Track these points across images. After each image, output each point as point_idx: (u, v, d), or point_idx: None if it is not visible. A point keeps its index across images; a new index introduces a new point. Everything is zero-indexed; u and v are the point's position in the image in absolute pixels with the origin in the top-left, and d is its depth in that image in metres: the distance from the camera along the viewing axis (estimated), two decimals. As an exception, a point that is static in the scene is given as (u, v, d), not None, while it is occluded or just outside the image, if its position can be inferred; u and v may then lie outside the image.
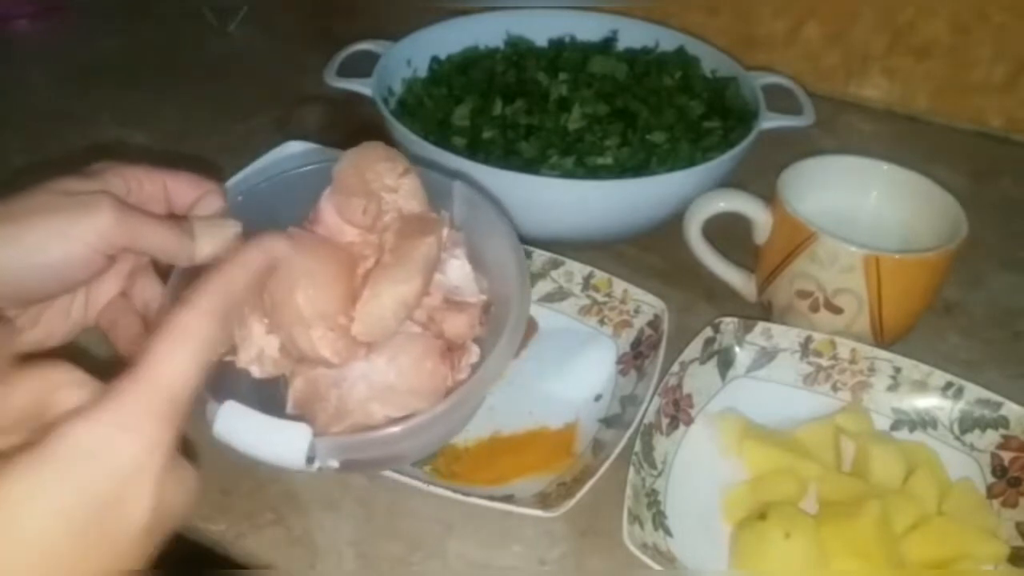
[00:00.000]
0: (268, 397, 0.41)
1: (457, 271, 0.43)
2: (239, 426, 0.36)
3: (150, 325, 0.40)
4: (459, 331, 0.43)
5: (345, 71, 0.72)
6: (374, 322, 0.39)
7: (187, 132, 0.82)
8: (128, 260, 0.41)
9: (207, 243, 0.39)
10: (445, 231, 0.43)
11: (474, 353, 0.43)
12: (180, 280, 0.41)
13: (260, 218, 0.41)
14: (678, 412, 0.54)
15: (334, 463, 0.38)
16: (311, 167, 0.46)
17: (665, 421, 0.52)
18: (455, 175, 0.46)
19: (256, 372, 0.41)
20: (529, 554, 0.48)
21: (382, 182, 0.42)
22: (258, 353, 0.40)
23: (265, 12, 1.01)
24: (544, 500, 0.48)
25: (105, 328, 0.41)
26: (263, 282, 0.37)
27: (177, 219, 0.39)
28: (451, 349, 0.43)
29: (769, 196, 0.59)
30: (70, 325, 0.41)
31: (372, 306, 0.39)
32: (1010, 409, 0.52)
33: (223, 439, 0.36)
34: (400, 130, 0.65)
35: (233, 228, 0.40)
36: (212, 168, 0.47)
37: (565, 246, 0.64)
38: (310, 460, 0.37)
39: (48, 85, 0.89)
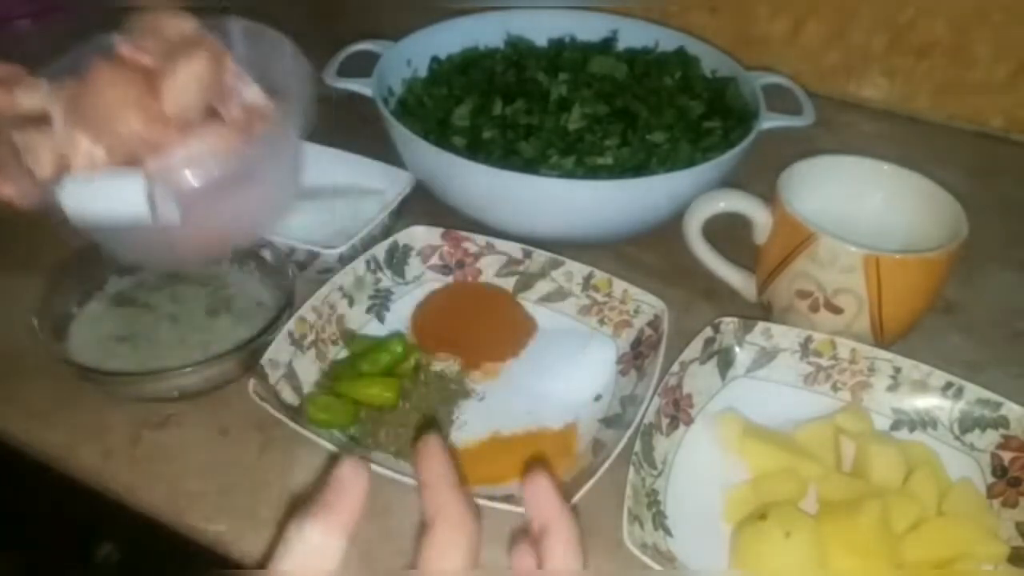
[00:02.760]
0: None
1: (250, 95, 0.48)
2: (83, 194, 0.40)
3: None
4: (256, 102, 0.47)
5: (345, 71, 0.72)
6: (179, 95, 0.44)
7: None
8: None
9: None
10: (232, 67, 0.47)
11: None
12: None
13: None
14: (678, 412, 0.54)
15: (174, 210, 0.41)
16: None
17: (665, 421, 0.52)
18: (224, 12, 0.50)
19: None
20: (529, 554, 0.48)
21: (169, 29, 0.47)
22: (90, 161, 0.43)
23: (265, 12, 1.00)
24: (544, 500, 0.48)
25: None
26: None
27: None
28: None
29: (769, 196, 0.59)
30: None
31: (171, 81, 0.43)
32: (1010, 409, 0.52)
33: (75, 215, 0.40)
34: (400, 130, 0.65)
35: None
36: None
37: (565, 246, 0.64)
38: (152, 208, 0.40)
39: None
